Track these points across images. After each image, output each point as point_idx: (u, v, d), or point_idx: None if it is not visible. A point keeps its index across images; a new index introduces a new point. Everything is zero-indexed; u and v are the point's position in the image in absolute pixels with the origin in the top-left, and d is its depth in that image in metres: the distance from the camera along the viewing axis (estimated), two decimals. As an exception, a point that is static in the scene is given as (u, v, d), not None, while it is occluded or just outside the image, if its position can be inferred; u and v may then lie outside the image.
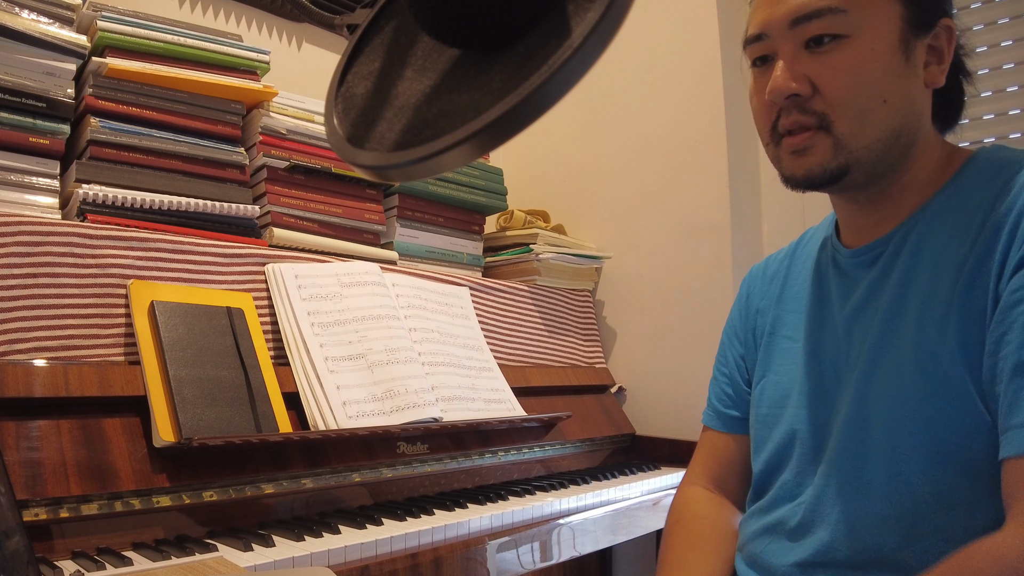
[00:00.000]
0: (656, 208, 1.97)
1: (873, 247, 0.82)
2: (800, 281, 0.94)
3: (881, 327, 0.78)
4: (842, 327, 0.84)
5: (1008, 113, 1.64)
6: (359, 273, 1.42)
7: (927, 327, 0.73)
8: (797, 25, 0.75)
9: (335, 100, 0.59)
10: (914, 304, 0.75)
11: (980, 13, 1.67)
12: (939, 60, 0.78)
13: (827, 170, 0.76)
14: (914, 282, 0.77)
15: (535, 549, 1.22)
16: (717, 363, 1.07)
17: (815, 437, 0.85)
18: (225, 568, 0.79)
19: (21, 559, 0.62)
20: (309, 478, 1.17)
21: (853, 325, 0.83)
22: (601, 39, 0.47)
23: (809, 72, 0.75)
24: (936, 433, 0.72)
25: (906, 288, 0.77)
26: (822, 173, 0.77)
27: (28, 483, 0.91)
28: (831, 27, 0.74)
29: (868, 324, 0.80)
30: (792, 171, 0.79)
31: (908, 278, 0.77)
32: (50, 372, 1.00)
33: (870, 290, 0.81)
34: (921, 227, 0.78)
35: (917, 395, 0.73)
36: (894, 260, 0.80)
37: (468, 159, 0.48)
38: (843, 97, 0.74)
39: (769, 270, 1.02)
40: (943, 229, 0.76)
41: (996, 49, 1.65)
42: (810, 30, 0.75)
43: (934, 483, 0.72)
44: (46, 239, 1.07)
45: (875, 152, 0.76)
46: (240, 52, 1.42)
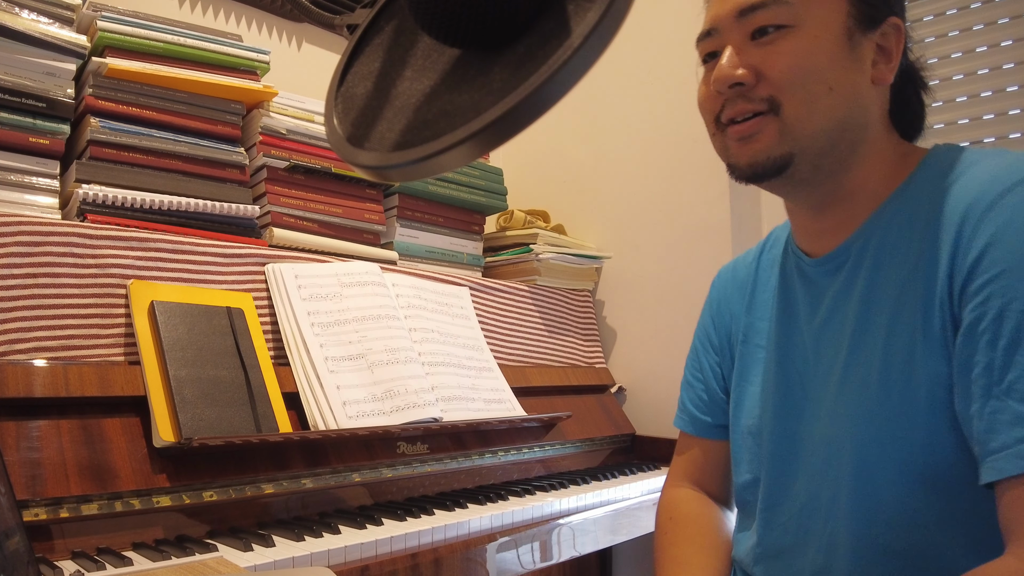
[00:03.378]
0: (656, 208, 1.97)
1: (835, 256, 0.81)
2: (768, 288, 0.93)
3: (848, 344, 0.78)
4: (810, 341, 0.84)
5: (1008, 113, 1.64)
6: (359, 273, 1.42)
7: (893, 346, 0.73)
8: (743, 17, 0.76)
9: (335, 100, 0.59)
10: (879, 321, 0.75)
11: (980, 13, 1.67)
12: (887, 59, 0.77)
13: (772, 158, 0.75)
14: (877, 296, 0.76)
15: (535, 549, 1.22)
16: (690, 367, 1.06)
17: (789, 452, 0.85)
18: (225, 568, 0.79)
19: (21, 559, 0.62)
20: (309, 478, 1.17)
21: (820, 339, 0.82)
22: (601, 39, 0.47)
23: (754, 61, 0.75)
24: (905, 453, 0.72)
25: (870, 304, 0.77)
26: (766, 161, 0.76)
27: (28, 483, 0.91)
28: (776, 18, 0.75)
29: (835, 339, 0.80)
30: (737, 159, 0.78)
31: (871, 292, 0.77)
32: (50, 372, 1.00)
33: (836, 302, 0.81)
34: (878, 237, 0.78)
35: (884, 415, 0.73)
36: (857, 271, 0.79)
37: (468, 159, 0.48)
38: (788, 80, 0.74)
39: (739, 275, 1.01)
40: (899, 239, 0.76)
41: (996, 49, 1.65)
42: (755, 21, 0.75)
43: (904, 502, 0.72)
44: (46, 239, 1.07)
45: (821, 141, 0.75)
46: (240, 52, 1.42)
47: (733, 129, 0.77)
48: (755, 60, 0.75)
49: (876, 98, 0.78)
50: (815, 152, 0.75)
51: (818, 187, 0.79)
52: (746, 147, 0.77)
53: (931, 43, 1.75)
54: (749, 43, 0.76)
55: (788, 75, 0.74)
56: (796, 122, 0.74)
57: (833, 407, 0.78)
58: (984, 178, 0.70)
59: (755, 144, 0.76)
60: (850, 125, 0.76)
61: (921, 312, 0.71)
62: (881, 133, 0.79)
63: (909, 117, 0.83)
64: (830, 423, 0.78)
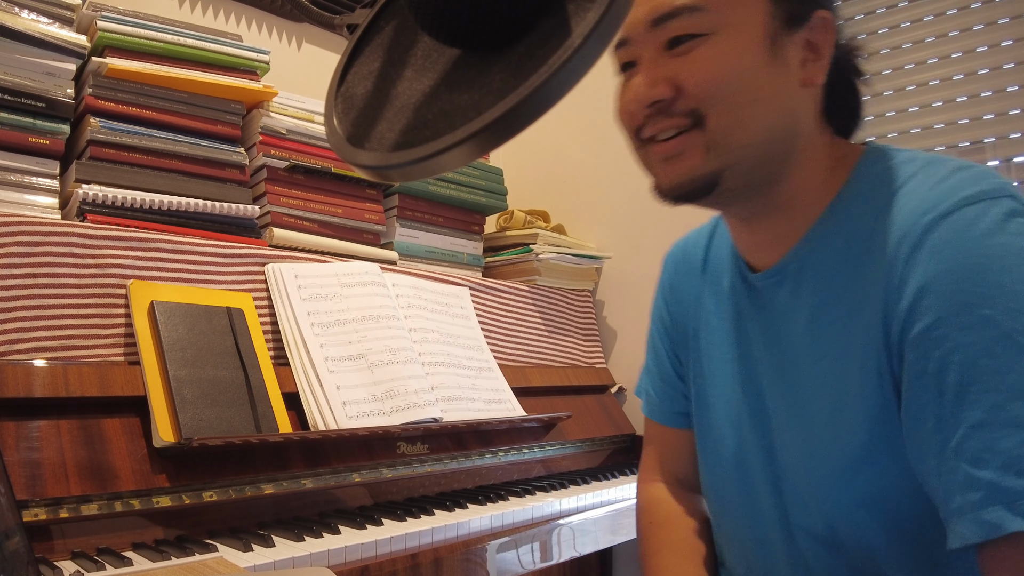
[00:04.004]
0: (656, 208, 1.95)
1: (776, 272, 0.77)
2: (717, 290, 0.88)
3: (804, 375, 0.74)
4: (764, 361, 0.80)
5: (1008, 113, 1.64)
6: (359, 273, 1.42)
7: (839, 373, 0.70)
8: (657, 26, 0.70)
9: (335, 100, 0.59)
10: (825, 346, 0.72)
11: (980, 13, 1.67)
12: (817, 56, 0.71)
13: (698, 177, 0.70)
14: (823, 320, 0.72)
15: (535, 549, 1.22)
16: (649, 353, 1.01)
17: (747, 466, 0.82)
18: (225, 568, 0.79)
19: (21, 559, 0.62)
20: (309, 478, 1.17)
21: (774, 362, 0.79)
22: (601, 39, 0.47)
23: (670, 73, 0.70)
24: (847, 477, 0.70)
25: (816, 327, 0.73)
26: (693, 182, 0.70)
27: (28, 483, 0.91)
28: (691, 26, 0.69)
29: (789, 366, 0.76)
30: (662, 180, 0.73)
31: (817, 315, 0.73)
32: (50, 372, 1.00)
33: (782, 319, 0.77)
34: (817, 254, 0.74)
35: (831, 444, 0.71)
36: (799, 288, 0.75)
37: (468, 159, 0.48)
38: (708, 92, 0.68)
39: (689, 259, 0.95)
40: (838, 260, 0.72)
41: (997, 49, 1.65)
42: (670, 30, 0.70)
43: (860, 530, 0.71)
44: (46, 239, 1.07)
45: (749, 156, 0.70)
46: (240, 52, 1.42)
47: (657, 148, 0.72)
48: (672, 72, 0.70)
49: (807, 101, 0.72)
50: (744, 167, 0.70)
51: (750, 201, 0.74)
52: (671, 168, 0.71)
53: (931, 43, 1.75)
54: (665, 54, 0.71)
55: (708, 87, 0.68)
56: (722, 137, 0.69)
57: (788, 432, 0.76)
58: (913, 206, 0.66)
59: (680, 164, 0.71)
60: (780, 135, 0.71)
61: (861, 346, 0.68)
62: (814, 137, 0.74)
63: (845, 113, 0.77)
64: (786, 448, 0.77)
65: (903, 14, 1.80)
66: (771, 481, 0.79)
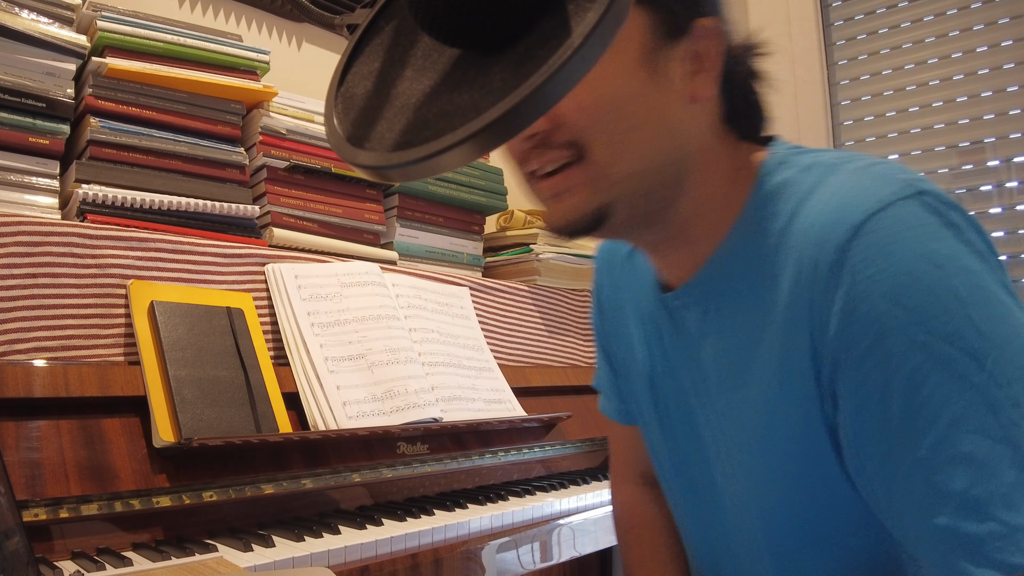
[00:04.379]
0: (656, 208, 1.96)
1: (684, 294, 0.73)
2: (636, 299, 0.84)
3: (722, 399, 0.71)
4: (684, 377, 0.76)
5: (1008, 113, 1.64)
6: (359, 273, 1.42)
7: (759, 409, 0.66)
8: None
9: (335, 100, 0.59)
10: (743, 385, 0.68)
11: (980, 13, 1.67)
12: (702, 67, 0.65)
13: (587, 214, 0.65)
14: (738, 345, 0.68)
15: (535, 549, 1.22)
16: (597, 348, 0.97)
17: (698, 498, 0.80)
18: (225, 568, 0.79)
19: (21, 559, 0.62)
20: (309, 478, 1.17)
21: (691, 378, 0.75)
22: (601, 39, 0.47)
23: None
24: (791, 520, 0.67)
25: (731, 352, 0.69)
26: (582, 218, 0.65)
27: (28, 483, 0.91)
28: None
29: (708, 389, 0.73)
30: (551, 218, 0.68)
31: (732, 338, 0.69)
32: (50, 372, 1.00)
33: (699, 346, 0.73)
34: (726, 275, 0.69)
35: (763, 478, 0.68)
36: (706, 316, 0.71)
37: (468, 159, 0.48)
38: (586, 121, 0.62)
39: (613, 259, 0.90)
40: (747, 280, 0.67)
41: (997, 49, 1.65)
42: None
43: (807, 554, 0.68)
44: (46, 239, 1.07)
45: (637, 185, 0.64)
46: (240, 52, 1.42)
47: (544, 185, 0.66)
48: None
49: (698, 116, 0.67)
50: (633, 197, 0.65)
51: (648, 229, 0.70)
52: (558, 205, 0.66)
53: (931, 43, 1.75)
54: None
55: (585, 115, 0.62)
56: (605, 168, 0.63)
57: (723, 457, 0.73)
58: (822, 219, 0.61)
59: (567, 201, 0.65)
60: (669, 159, 0.65)
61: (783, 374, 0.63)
62: (711, 151, 0.68)
63: (747, 116, 0.72)
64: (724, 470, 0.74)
65: (903, 14, 1.80)
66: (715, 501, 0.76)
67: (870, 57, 1.87)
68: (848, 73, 1.92)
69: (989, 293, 0.55)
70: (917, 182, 0.59)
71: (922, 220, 0.57)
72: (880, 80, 1.84)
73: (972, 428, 0.52)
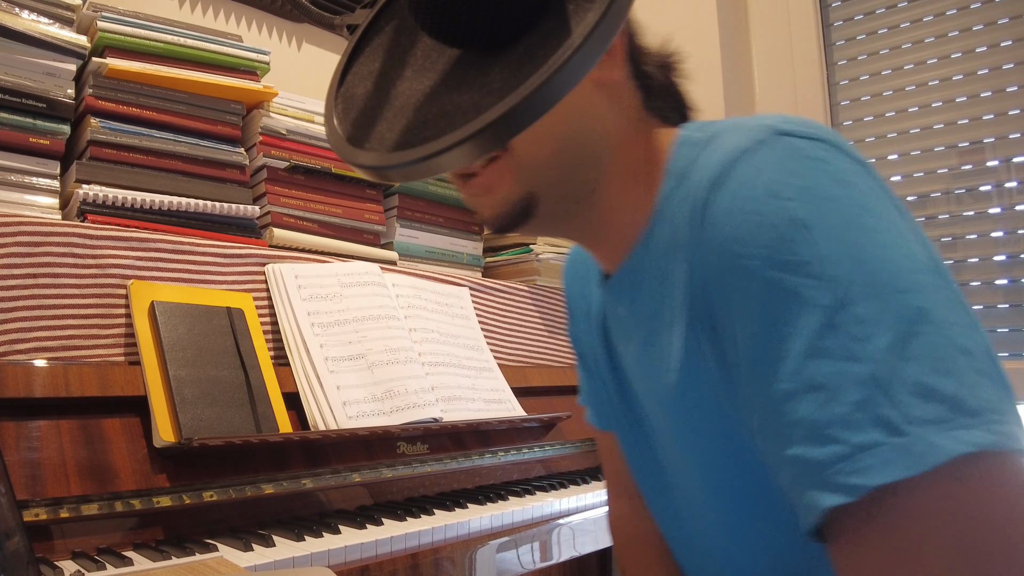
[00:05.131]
0: (656, 208, 1.96)
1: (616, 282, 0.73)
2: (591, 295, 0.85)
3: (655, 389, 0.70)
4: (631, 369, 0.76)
5: (1008, 113, 1.64)
6: (359, 273, 1.43)
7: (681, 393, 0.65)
8: None
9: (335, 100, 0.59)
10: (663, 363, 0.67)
11: (980, 13, 1.67)
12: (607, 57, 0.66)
13: (514, 204, 0.66)
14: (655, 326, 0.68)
15: (535, 549, 1.22)
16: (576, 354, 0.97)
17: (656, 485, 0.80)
18: (225, 568, 0.79)
19: (21, 559, 0.62)
20: (309, 478, 1.17)
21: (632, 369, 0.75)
22: (601, 39, 0.47)
23: None
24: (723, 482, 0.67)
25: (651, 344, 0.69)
26: (511, 209, 0.66)
27: (28, 483, 0.91)
28: None
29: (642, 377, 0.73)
30: (482, 213, 0.69)
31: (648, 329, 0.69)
32: (50, 372, 1.01)
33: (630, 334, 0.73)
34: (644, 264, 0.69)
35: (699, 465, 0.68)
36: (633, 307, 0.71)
37: (468, 159, 0.48)
38: None
39: (577, 266, 0.92)
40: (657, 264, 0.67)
41: (996, 49, 1.65)
42: None
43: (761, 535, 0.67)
44: (46, 239, 1.07)
45: (557, 170, 0.66)
46: (240, 52, 1.42)
47: (474, 183, 0.67)
48: None
49: (611, 100, 0.68)
50: (556, 181, 0.66)
51: (573, 217, 0.70)
52: (487, 199, 0.67)
53: (931, 43, 1.75)
54: None
55: None
56: (525, 156, 0.64)
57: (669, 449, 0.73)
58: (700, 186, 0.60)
59: (495, 194, 0.67)
60: (583, 143, 0.66)
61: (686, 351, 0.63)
62: (628, 140, 0.69)
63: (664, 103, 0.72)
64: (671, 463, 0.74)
65: (903, 14, 1.81)
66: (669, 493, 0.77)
67: (870, 57, 1.87)
68: (848, 73, 1.92)
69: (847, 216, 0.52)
70: (783, 123, 0.58)
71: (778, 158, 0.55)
72: (879, 80, 1.84)
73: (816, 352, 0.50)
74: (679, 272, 0.63)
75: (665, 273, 0.65)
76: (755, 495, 0.65)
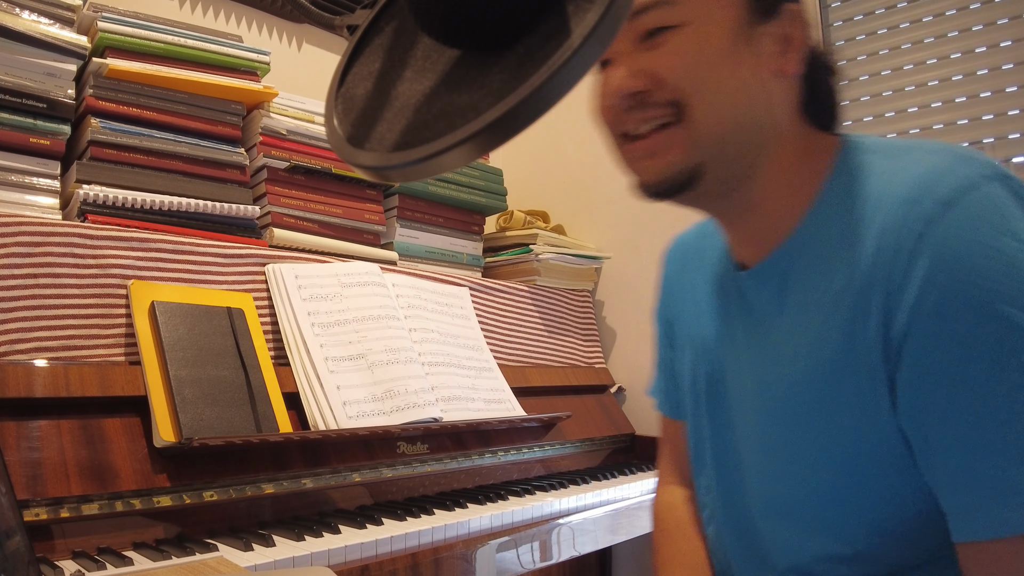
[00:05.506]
0: (656, 208, 1.96)
1: (761, 272, 0.76)
2: (705, 283, 0.88)
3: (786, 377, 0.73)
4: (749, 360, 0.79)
5: (1008, 113, 1.64)
6: (359, 273, 1.43)
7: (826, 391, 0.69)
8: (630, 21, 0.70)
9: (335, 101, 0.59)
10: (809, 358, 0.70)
11: (980, 13, 1.67)
12: (790, 47, 0.71)
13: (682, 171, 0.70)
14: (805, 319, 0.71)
15: (535, 549, 1.22)
16: (657, 345, 1.01)
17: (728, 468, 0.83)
18: (225, 568, 0.79)
19: (22, 559, 0.63)
20: (309, 478, 1.17)
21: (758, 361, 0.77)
22: (601, 40, 0.47)
23: (646, 66, 0.70)
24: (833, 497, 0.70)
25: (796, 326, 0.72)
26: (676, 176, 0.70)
27: (29, 483, 0.91)
28: (662, 19, 0.69)
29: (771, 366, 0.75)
30: (643, 176, 0.73)
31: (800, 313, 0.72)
32: (51, 372, 1.01)
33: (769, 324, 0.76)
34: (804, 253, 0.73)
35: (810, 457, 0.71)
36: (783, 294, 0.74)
37: (468, 160, 0.48)
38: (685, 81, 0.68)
39: (686, 252, 0.96)
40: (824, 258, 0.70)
41: (996, 49, 1.65)
42: (643, 24, 0.70)
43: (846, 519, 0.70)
44: (47, 239, 1.07)
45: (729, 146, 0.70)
46: (240, 53, 1.42)
47: (638, 145, 0.71)
48: (647, 64, 0.70)
49: (782, 92, 0.72)
50: (724, 158, 0.70)
51: (727, 198, 0.74)
52: (653, 163, 0.71)
53: (931, 43, 1.75)
54: (640, 47, 0.70)
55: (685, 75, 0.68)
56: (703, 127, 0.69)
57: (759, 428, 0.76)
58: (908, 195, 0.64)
59: (661, 159, 0.70)
60: (757, 124, 0.71)
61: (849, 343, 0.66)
62: (792, 130, 0.74)
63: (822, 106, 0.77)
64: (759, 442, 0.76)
65: (903, 14, 1.81)
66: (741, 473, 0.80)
67: (869, 58, 1.87)
68: (847, 73, 1.92)
69: None
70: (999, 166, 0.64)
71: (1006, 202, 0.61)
72: (879, 80, 1.84)
73: None
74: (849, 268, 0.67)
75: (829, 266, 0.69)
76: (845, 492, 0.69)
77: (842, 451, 0.68)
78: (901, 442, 0.65)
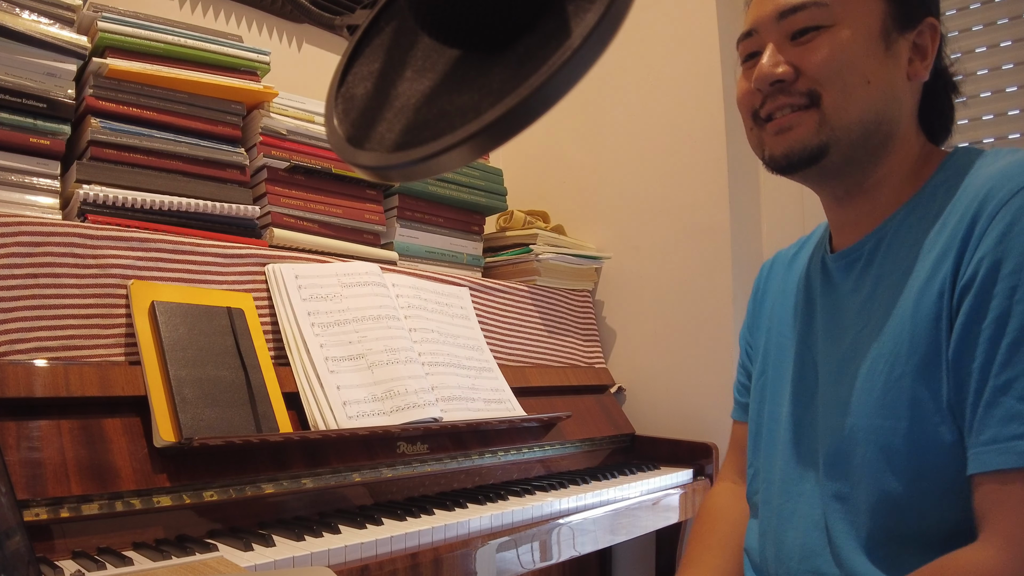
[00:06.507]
0: (656, 208, 1.97)
1: (850, 253, 0.85)
2: (796, 279, 0.97)
3: (851, 340, 0.80)
4: (822, 333, 0.87)
5: (1007, 113, 1.64)
6: (359, 273, 1.43)
7: (889, 345, 0.75)
8: (783, 18, 0.80)
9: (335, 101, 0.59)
10: (879, 319, 0.77)
11: (980, 13, 1.67)
12: (922, 57, 0.81)
13: (808, 147, 0.79)
14: (880, 293, 0.79)
15: (535, 549, 1.22)
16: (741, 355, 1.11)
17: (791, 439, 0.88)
18: (225, 568, 0.79)
19: (22, 559, 0.63)
20: (309, 478, 1.17)
21: (830, 332, 0.85)
22: (600, 40, 0.47)
23: (792, 59, 0.79)
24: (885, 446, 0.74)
25: (873, 301, 0.79)
26: (803, 151, 0.79)
27: (29, 483, 0.91)
28: (814, 19, 0.78)
29: (841, 335, 0.83)
30: (773, 150, 0.82)
31: (876, 289, 0.80)
32: (51, 372, 1.01)
33: (846, 298, 0.84)
34: (891, 237, 0.80)
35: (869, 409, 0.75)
36: (868, 269, 0.82)
37: (468, 160, 0.48)
38: (825, 73, 0.77)
39: (778, 264, 1.05)
40: (910, 238, 0.78)
41: (996, 49, 1.65)
42: (795, 23, 0.79)
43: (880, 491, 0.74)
44: (47, 239, 1.07)
45: (856, 133, 0.78)
46: (240, 53, 1.42)
47: (769, 124, 0.81)
48: (794, 58, 0.79)
49: (909, 94, 0.81)
50: (849, 143, 0.78)
51: (846, 178, 0.82)
52: (783, 137, 0.80)
53: (931, 43, 1.75)
54: (788, 43, 0.80)
55: (825, 68, 0.77)
56: (834, 112, 0.77)
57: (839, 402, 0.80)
58: (998, 175, 0.72)
59: (792, 135, 0.79)
60: (884, 118, 0.78)
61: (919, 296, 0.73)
62: (910, 130, 0.82)
63: (938, 119, 0.85)
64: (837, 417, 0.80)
65: (902, 15, 1.80)
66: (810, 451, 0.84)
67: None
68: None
69: None
70: None
71: None
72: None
73: None
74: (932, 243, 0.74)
75: (918, 243, 0.76)
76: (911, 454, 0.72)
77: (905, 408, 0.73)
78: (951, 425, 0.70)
